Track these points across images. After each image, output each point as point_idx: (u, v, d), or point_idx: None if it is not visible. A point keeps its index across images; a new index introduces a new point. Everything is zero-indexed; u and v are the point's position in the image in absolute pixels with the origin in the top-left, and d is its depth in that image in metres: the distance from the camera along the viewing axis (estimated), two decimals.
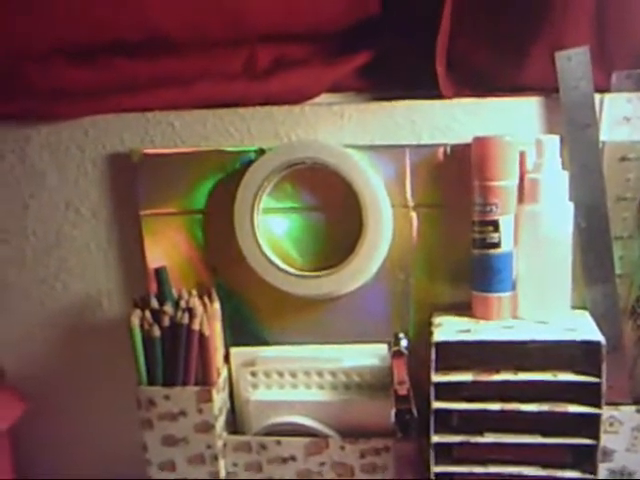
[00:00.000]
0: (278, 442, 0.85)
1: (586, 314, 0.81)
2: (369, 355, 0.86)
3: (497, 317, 0.81)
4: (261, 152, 0.83)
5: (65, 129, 0.86)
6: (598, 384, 0.75)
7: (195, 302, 0.83)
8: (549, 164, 0.77)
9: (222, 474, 0.86)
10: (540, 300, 0.81)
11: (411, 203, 0.83)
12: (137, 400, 0.84)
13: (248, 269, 0.85)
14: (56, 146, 0.87)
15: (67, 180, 0.88)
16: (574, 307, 0.82)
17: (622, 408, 0.81)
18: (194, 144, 0.85)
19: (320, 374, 0.87)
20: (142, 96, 0.84)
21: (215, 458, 0.85)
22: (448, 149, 0.81)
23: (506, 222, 0.78)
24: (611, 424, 0.81)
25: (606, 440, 0.80)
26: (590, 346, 0.75)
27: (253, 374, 0.88)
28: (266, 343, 0.89)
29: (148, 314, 0.83)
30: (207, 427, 0.84)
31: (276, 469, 0.86)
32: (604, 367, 0.74)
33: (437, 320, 0.82)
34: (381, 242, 0.82)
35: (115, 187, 0.88)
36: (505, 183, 0.78)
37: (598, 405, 0.75)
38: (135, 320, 0.82)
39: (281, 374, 0.87)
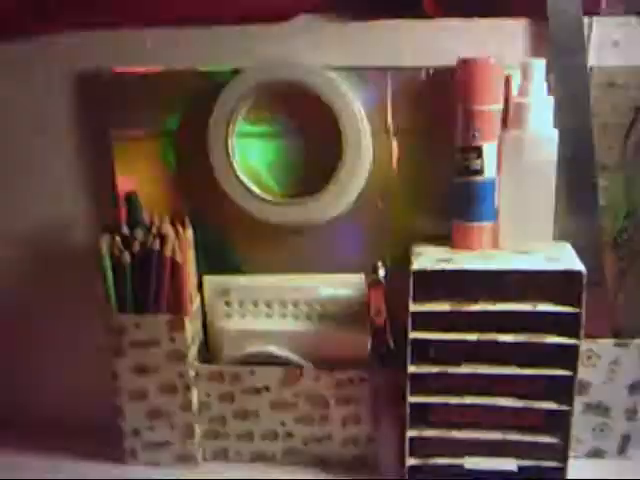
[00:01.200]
0: (252, 372, 0.84)
1: (568, 245, 0.80)
2: (346, 285, 0.85)
3: (478, 247, 0.79)
4: (236, 72, 0.80)
5: (33, 47, 0.82)
6: (577, 315, 0.73)
7: (167, 228, 0.81)
8: (535, 88, 0.75)
9: (195, 404, 0.85)
10: (522, 230, 0.79)
11: (392, 128, 0.80)
12: (107, 327, 0.82)
13: (223, 195, 0.82)
14: (24, 65, 0.83)
15: (35, 101, 0.84)
16: (556, 239, 0.81)
17: (600, 341, 0.81)
18: (166, 63, 0.81)
19: (295, 304, 0.85)
20: (113, 12, 0.80)
21: (187, 388, 0.84)
22: (431, 71, 0.78)
23: (489, 149, 0.76)
24: (589, 357, 0.81)
25: (583, 373, 0.80)
26: (571, 276, 0.73)
27: (227, 303, 0.86)
28: (241, 272, 0.87)
29: (118, 240, 0.80)
30: (179, 356, 0.82)
31: (250, 399, 0.85)
32: (584, 297, 0.73)
33: (417, 250, 0.80)
34: (360, 168, 0.80)
35: (84, 108, 0.84)
36: (490, 107, 0.75)
37: (577, 336, 0.74)
38: (104, 245, 0.79)
39: (256, 303, 0.86)
